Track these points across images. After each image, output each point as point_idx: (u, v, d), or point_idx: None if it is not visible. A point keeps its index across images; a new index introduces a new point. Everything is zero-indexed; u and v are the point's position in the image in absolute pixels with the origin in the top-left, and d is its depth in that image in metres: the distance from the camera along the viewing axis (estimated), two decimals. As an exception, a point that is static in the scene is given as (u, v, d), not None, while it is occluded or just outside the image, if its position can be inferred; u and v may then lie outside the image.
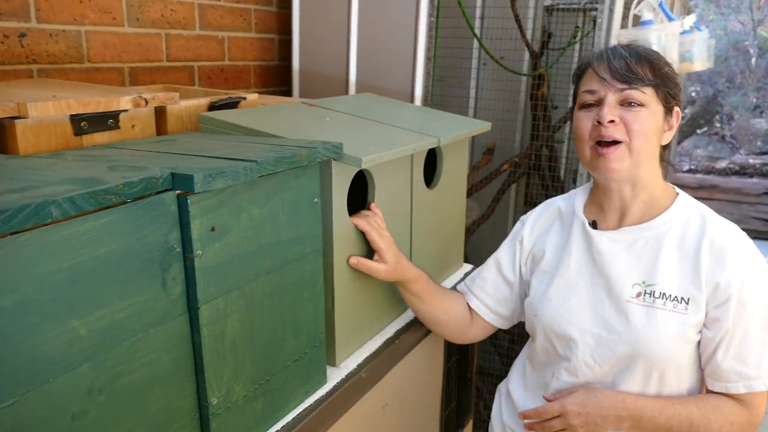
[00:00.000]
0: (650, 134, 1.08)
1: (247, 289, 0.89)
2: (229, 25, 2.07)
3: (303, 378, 1.05)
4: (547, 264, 1.23)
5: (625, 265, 1.13)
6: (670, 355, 1.08)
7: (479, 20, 2.70)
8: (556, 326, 1.17)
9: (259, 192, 0.89)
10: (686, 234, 1.11)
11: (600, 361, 1.12)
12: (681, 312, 1.08)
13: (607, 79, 1.08)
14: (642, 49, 1.12)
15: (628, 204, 1.15)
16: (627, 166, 1.09)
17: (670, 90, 1.10)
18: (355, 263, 1.16)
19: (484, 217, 2.78)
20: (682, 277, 1.09)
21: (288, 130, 1.15)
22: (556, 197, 1.31)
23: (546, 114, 2.68)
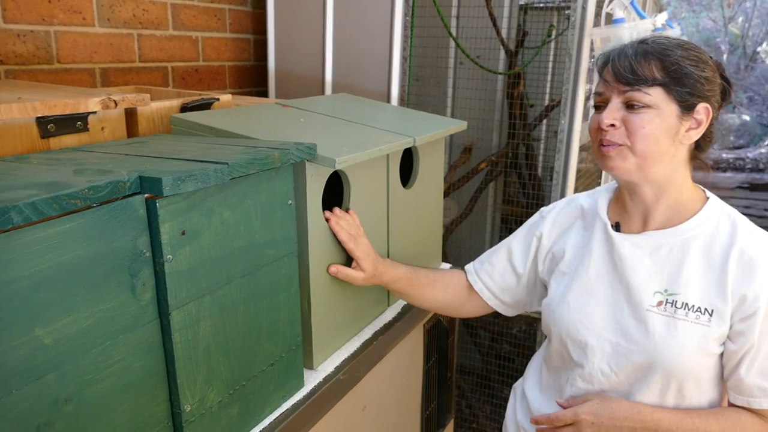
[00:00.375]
0: (656, 136, 1.02)
1: (220, 294, 0.88)
2: (203, 25, 2.05)
3: (279, 382, 1.03)
4: (566, 265, 1.19)
5: (647, 272, 1.08)
6: (690, 367, 1.04)
7: (455, 19, 2.71)
8: (573, 331, 1.13)
9: (231, 194, 0.88)
10: (714, 242, 1.05)
11: (616, 369, 1.09)
12: (704, 324, 1.03)
13: (611, 81, 1.04)
14: (656, 45, 1.03)
15: (650, 207, 1.10)
16: (632, 166, 1.04)
17: (687, 87, 1.02)
18: (334, 272, 1.17)
19: (463, 215, 2.78)
20: (707, 287, 1.04)
21: (261, 131, 1.14)
22: (580, 194, 1.26)
23: (523, 113, 2.69)
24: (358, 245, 1.19)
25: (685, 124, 1.03)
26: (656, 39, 1.05)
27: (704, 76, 1.03)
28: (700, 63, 1.03)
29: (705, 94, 1.03)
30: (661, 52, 1.02)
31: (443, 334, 1.60)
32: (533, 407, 1.24)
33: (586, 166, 2.42)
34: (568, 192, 1.82)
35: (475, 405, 2.82)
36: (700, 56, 1.04)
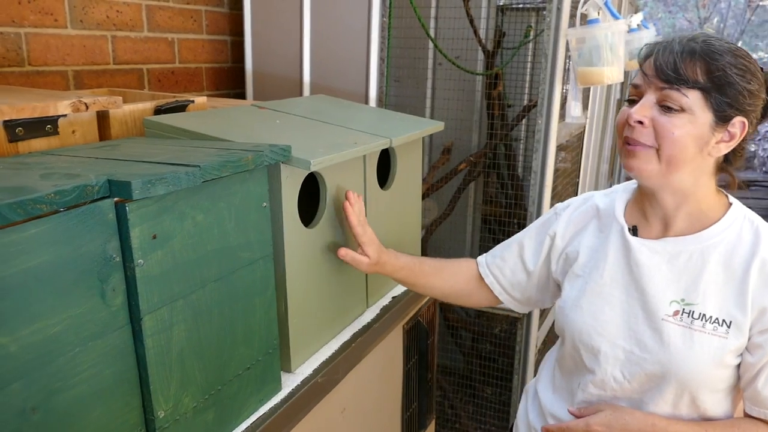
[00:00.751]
0: (685, 143, 0.97)
1: (194, 298, 0.87)
2: (178, 27, 2.03)
3: (256, 386, 1.03)
4: (580, 268, 1.15)
5: (664, 280, 1.05)
6: (705, 379, 1.01)
7: (433, 20, 2.71)
8: (585, 337, 1.10)
9: (204, 197, 0.87)
10: (736, 251, 1.02)
11: (629, 377, 1.06)
12: (721, 336, 1.00)
13: (650, 75, 0.98)
14: (705, 45, 0.97)
15: (670, 214, 1.06)
16: (655, 171, 1.00)
17: (728, 97, 0.96)
18: (343, 254, 1.20)
19: (443, 216, 2.79)
20: (726, 298, 1.01)
21: (236, 133, 1.13)
22: (596, 192, 1.23)
23: (502, 113, 2.70)
24: (365, 231, 1.21)
25: (717, 136, 0.98)
26: (708, 39, 0.99)
27: (749, 88, 0.97)
28: (748, 74, 0.97)
29: (745, 108, 0.98)
30: (709, 55, 0.96)
31: (423, 334, 1.60)
32: (546, 408, 1.22)
33: (564, 166, 2.44)
34: (545, 191, 1.83)
35: (458, 405, 2.83)
36: (748, 66, 0.98)
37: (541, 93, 1.76)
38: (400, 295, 1.50)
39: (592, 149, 2.75)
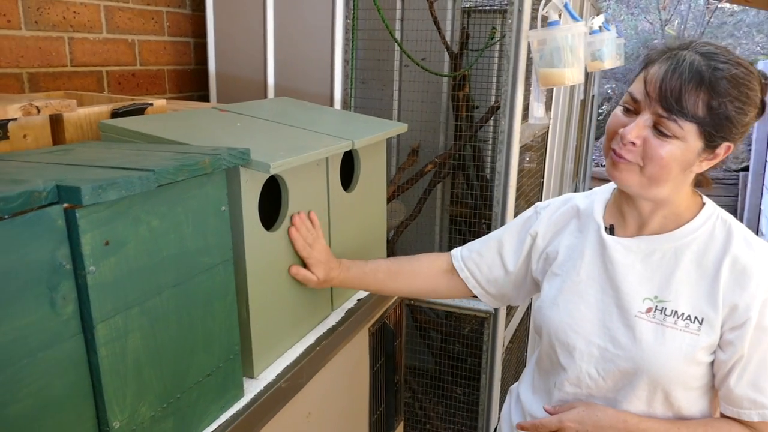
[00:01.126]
0: (671, 166, 0.98)
1: (150, 305, 0.85)
2: (139, 28, 1.99)
3: (218, 393, 1.01)
4: (558, 267, 1.17)
5: (638, 277, 1.07)
6: (676, 375, 1.02)
7: (399, 22, 2.72)
8: (561, 334, 1.12)
9: (159, 202, 0.85)
10: (708, 249, 1.04)
11: (604, 374, 1.07)
12: (693, 332, 1.01)
13: (652, 97, 0.97)
14: (713, 73, 0.94)
15: (646, 217, 1.08)
16: (637, 184, 1.02)
17: (722, 131, 0.96)
18: (294, 272, 1.22)
19: (411, 217, 2.79)
20: (698, 295, 1.02)
21: (195, 136, 1.11)
22: (577, 194, 1.24)
23: (469, 114, 2.72)
24: (311, 254, 1.23)
25: (701, 157, 1.00)
26: (717, 65, 0.95)
27: (744, 120, 0.97)
28: (746, 105, 0.96)
29: (734, 138, 0.99)
30: (714, 86, 0.94)
31: (389, 336, 1.60)
32: (526, 408, 1.23)
33: (530, 166, 2.46)
34: (510, 191, 1.84)
35: (428, 406, 2.83)
36: (749, 96, 0.97)
37: (504, 94, 1.78)
38: (365, 298, 1.49)
39: (557, 149, 2.78)
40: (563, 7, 1.58)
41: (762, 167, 6.15)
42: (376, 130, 1.44)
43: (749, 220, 6.21)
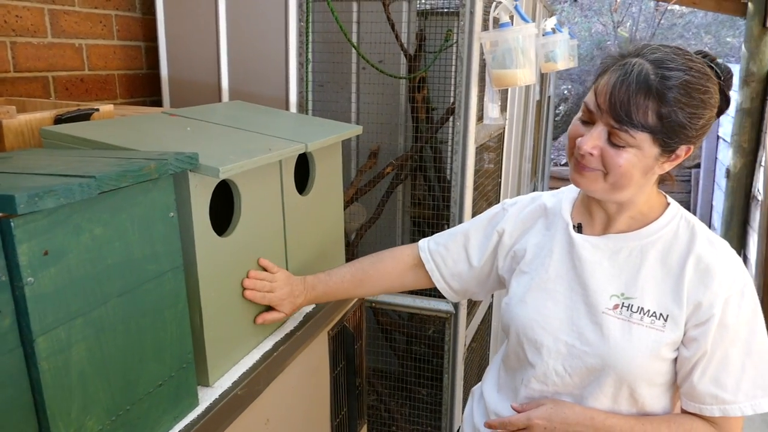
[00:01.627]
0: (631, 173, 1.00)
1: (95, 315, 0.83)
2: (86, 32, 1.94)
3: (170, 403, 0.99)
4: (527, 264, 1.18)
5: (606, 274, 1.08)
6: (642, 371, 1.04)
7: (355, 25, 2.71)
8: (529, 331, 1.12)
9: (102, 209, 0.83)
10: (673, 248, 1.06)
11: (571, 371, 1.09)
12: (658, 329, 1.04)
13: (603, 108, 0.98)
14: (662, 81, 0.94)
15: (613, 217, 1.10)
16: (600, 189, 1.04)
17: (675, 136, 0.97)
18: (261, 322, 1.24)
19: (372, 220, 2.79)
20: (663, 293, 1.05)
21: (142, 142, 1.09)
22: (544, 192, 1.25)
23: (429, 116, 2.73)
24: (272, 299, 1.24)
25: (661, 161, 1.01)
26: (665, 73, 0.95)
27: (699, 125, 0.98)
28: (700, 109, 0.97)
29: (691, 141, 0.99)
30: (662, 95, 0.94)
31: (349, 339, 1.59)
32: (490, 408, 1.23)
33: (489, 167, 2.49)
34: (467, 192, 1.86)
35: (393, 408, 2.83)
36: (703, 100, 0.97)
37: (458, 96, 1.79)
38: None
39: (513, 149, 2.82)
40: (513, 9, 1.61)
41: (713, 165, 6.34)
42: (330, 132, 1.44)
43: (702, 215, 6.40)
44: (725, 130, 5.64)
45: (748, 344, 1.02)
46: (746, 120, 4.64)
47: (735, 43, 8.77)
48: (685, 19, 9.47)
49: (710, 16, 8.99)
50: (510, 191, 2.89)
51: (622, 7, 8.79)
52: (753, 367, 1.02)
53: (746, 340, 1.02)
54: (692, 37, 9.42)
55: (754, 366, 1.02)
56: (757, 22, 4.51)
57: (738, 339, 1.02)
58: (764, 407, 1.02)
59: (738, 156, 4.74)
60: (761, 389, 1.02)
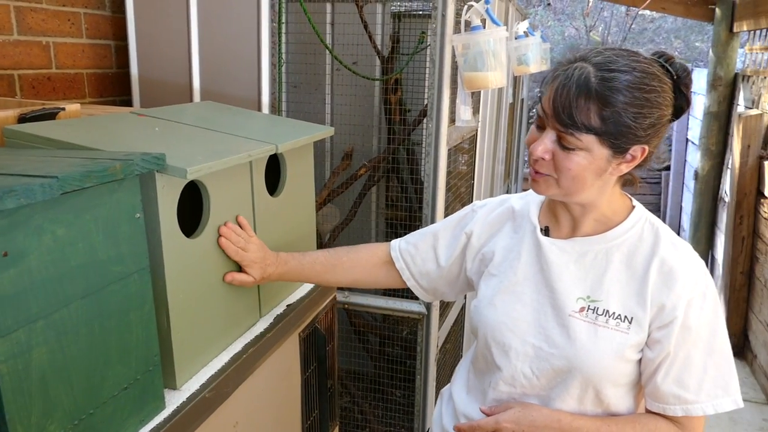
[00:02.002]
0: (583, 176, 1.01)
1: (57, 317, 0.81)
2: (54, 30, 1.91)
3: (136, 406, 0.98)
4: (495, 267, 1.18)
5: (572, 277, 1.09)
6: (607, 373, 1.05)
7: (329, 26, 2.71)
8: (498, 334, 1.13)
9: (65, 210, 0.81)
10: (637, 251, 1.07)
11: (538, 373, 1.10)
12: (622, 331, 1.05)
13: (549, 114, 1.00)
14: (603, 83, 0.95)
15: (578, 219, 1.11)
16: (557, 194, 1.06)
17: (622, 136, 0.97)
18: (230, 279, 1.22)
19: (346, 221, 2.79)
20: (628, 295, 1.06)
21: (108, 142, 1.07)
22: (512, 195, 1.26)
23: (403, 118, 2.74)
24: (244, 257, 1.22)
25: (615, 162, 1.01)
26: (605, 75, 0.96)
27: (646, 123, 0.98)
28: (646, 108, 0.97)
29: (642, 139, 0.99)
30: (603, 97, 0.95)
31: (321, 341, 1.59)
32: (459, 410, 1.24)
33: (459, 168, 2.50)
34: (439, 193, 1.87)
35: (367, 410, 2.83)
36: (648, 98, 0.97)
37: (430, 98, 1.80)
38: (294, 303, 1.48)
39: (486, 151, 2.84)
40: (485, 13, 1.62)
41: (682, 167, 6.47)
42: (301, 133, 1.43)
43: (671, 217, 6.52)
44: (694, 133, 5.76)
45: (710, 345, 1.04)
46: (714, 123, 4.74)
47: (704, 48, 8.96)
48: (656, 24, 9.65)
49: (680, 22, 9.18)
50: (483, 193, 2.91)
51: (594, 11, 8.92)
52: (714, 367, 1.04)
53: (708, 342, 1.04)
54: (662, 42, 9.61)
55: (716, 366, 1.04)
56: (724, 27, 4.61)
57: (700, 340, 1.04)
58: (725, 407, 1.04)
59: (706, 158, 4.84)
60: (722, 389, 1.04)
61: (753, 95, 4.26)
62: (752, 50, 4.42)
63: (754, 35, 4.41)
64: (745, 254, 3.97)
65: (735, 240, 4.00)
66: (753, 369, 3.81)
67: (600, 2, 7.35)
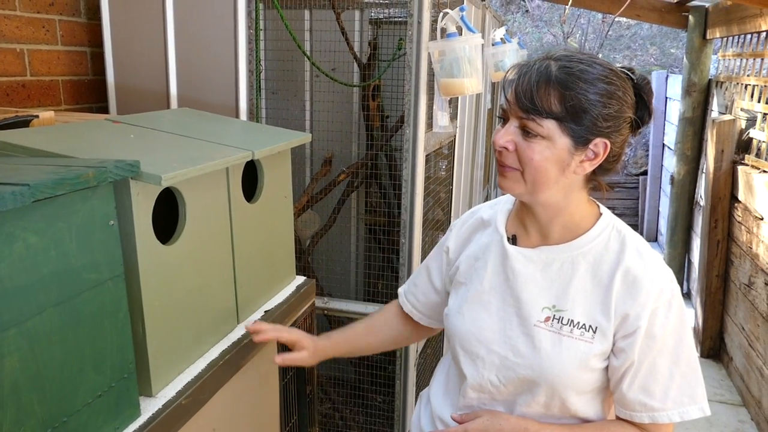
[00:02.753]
0: (546, 167, 1.01)
1: (30, 325, 0.81)
2: (28, 37, 1.90)
3: (111, 414, 0.97)
4: (462, 275, 1.19)
5: (538, 287, 1.10)
6: (571, 382, 1.06)
7: (308, 33, 2.72)
8: (466, 343, 1.14)
9: (37, 218, 0.81)
10: (603, 260, 1.07)
11: (505, 381, 1.10)
12: (587, 341, 1.05)
13: (511, 102, 1.02)
14: (562, 72, 0.98)
15: (545, 225, 1.11)
16: (523, 191, 1.06)
17: (582, 124, 0.99)
18: (281, 361, 1.27)
19: (326, 227, 2.79)
20: (593, 305, 1.06)
21: (82, 149, 1.07)
22: (483, 205, 1.27)
23: (383, 124, 2.75)
24: (290, 332, 1.27)
25: (578, 157, 1.02)
26: (565, 63, 0.99)
27: (606, 113, 0.99)
28: (605, 97, 0.99)
29: (603, 132, 1.00)
30: (564, 83, 0.98)
31: (299, 347, 1.59)
32: (435, 413, 1.25)
33: (438, 173, 2.52)
34: (417, 199, 1.88)
35: (348, 416, 2.83)
36: (607, 89, 0.99)
37: (407, 104, 1.82)
38: (273, 309, 1.48)
39: (465, 157, 2.86)
40: (460, 20, 1.64)
41: (659, 171, 6.57)
42: (278, 140, 1.44)
43: (649, 221, 6.61)
44: (670, 138, 5.84)
45: (676, 354, 1.05)
46: (689, 129, 4.83)
47: (679, 55, 9.11)
48: (632, 31, 9.80)
49: (655, 29, 9.33)
50: (462, 198, 2.93)
51: (571, 18, 9.04)
52: (680, 375, 1.06)
53: (674, 350, 1.05)
54: (638, 48, 9.76)
55: (682, 375, 1.06)
56: (698, 34, 4.70)
57: (665, 349, 1.05)
58: (692, 414, 1.05)
59: (681, 163, 4.92)
60: (688, 397, 1.06)
61: (726, 101, 4.35)
62: (725, 57, 4.51)
63: (727, 42, 4.50)
64: (720, 257, 4.04)
65: (710, 243, 4.06)
66: (729, 371, 3.87)
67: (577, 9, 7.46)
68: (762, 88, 3.67)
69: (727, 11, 4.13)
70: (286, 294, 1.57)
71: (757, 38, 3.87)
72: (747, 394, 3.50)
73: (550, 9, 9.48)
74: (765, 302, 3.23)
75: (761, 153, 3.63)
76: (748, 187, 3.60)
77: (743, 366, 3.59)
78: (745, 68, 4.04)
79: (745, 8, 3.71)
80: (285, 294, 1.57)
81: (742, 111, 4.00)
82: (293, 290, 1.60)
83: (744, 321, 3.60)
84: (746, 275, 3.59)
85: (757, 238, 3.40)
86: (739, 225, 3.79)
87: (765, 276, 3.25)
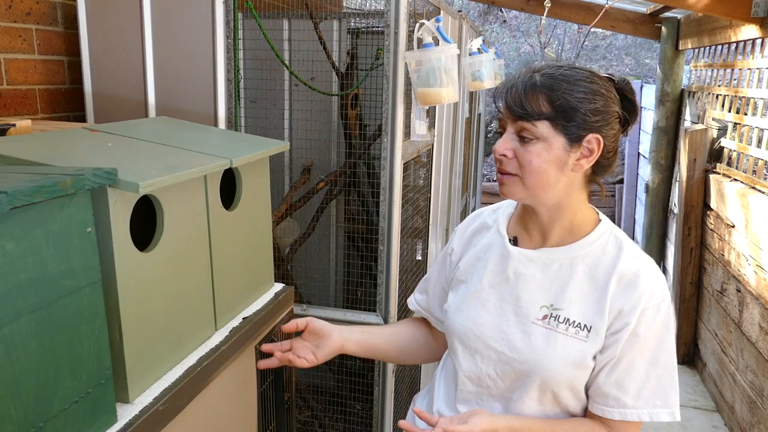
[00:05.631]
0: (545, 169, 1.07)
1: (6, 331, 0.82)
2: (5, 46, 1.89)
3: (87, 420, 0.98)
4: (462, 274, 1.24)
5: (537, 287, 1.15)
6: (565, 378, 1.10)
7: (287, 42, 2.74)
8: (465, 338, 1.19)
9: (14, 225, 0.82)
10: (600, 263, 1.12)
11: (502, 375, 1.15)
12: (581, 339, 1.10)
13: (504, 113, 1.10)
14: (545, 78, 1.06)
15: (547, 227, 1.16)
16: (524, 195, 1.11)
17: (573, 121, 1.05)
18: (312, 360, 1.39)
19: (306, 235, 2.80)
20: (588, 305, 1.11)
21: (59, 157, 1.08)
22: (485, 208, 1.31)
23: (362, 133, 2.78)
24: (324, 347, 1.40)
25: (574, 155, 1.07)
26: (548, 71, 1.07)
27: (593, 108, 1.06)
28: (590, 94, 1.06)
29: (594, 126, 1.07)
30: (549, 86, 1.05)
31: (278, 354, 1.59)
32: (435, 407, 1.29)
33: (415, 182, 2.55)
34: (395, 207, 1.91)
35: (327, 424, 2.83)
36: (591, 87, 1.06)
37: (384, 113, 1.84)
38: (251, 316, 1.49)
39: (443, 165, 2.90)
40: (435, 31, 1.67)
41: (635, 180, 6.68)
42: (257, 148, 1.46)
43: (626, 229, 6.72)
44: (645, 147, 5.95)
45: (655, 356, 1.10)
46: (663, 138, 4.93)
47: (653, 65, 9.30)
48: (607, 41, 9.99)
49: (630, 39, 9.52)
50: (440, 206, 2.96)
51: (548, 28, 9.19)
52: (656, 377, 1.10)
53: (653, 352, 1.09)
54: (614, 58, 9.94)
55: (657, 377, 1.10)
56: (670, 45, 4.81)
57: (646, 349, 1.09)
58: (662, 417, 1.09)
59: (656, 172, 5.01)
60: (661, 399, 1.10)
61: (698, 110, 4.45)
62: (697, 67, 4.62)
63: (699, 53, 4.61)
64: (693, 265, 4.12)
65: (684, 251, 4.14)
66: (703, 377, 3.94)
67: (554, 20, 7.59)
68: (732, 98, 3.76)
69: (699, 22, 4.23)
70: (265, 301, 1.58)
71: (727, 49, 3.97)
72: (720, 399, 3.57)
73: (527, 19, 9.63)
74: (737, 309, 3.30)
75: (732, 162, 3.72)
76: (719, 195, 3.68)
77: (717, 372, 3.65)
78: (716, 78, 4.15)
79: (715, 20, 3.81)
80: (263, 301, 1.58)
81: (713, 120, 4.09)
82: (272, 297, 1.61)
83: (717, 327, 3.67)
84: (719, 282, 3.67)
85: (729, 245, 3.48)
86: (711, 233, 3.87)
87: (737, 283, 3.32)
